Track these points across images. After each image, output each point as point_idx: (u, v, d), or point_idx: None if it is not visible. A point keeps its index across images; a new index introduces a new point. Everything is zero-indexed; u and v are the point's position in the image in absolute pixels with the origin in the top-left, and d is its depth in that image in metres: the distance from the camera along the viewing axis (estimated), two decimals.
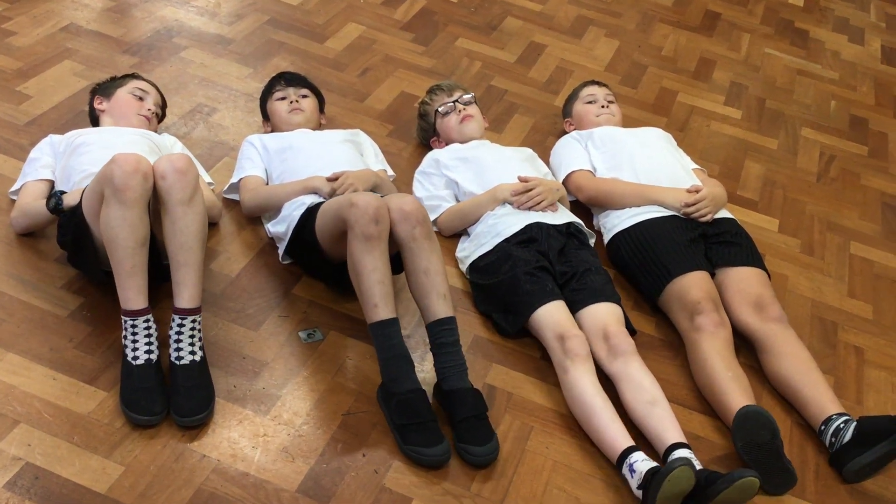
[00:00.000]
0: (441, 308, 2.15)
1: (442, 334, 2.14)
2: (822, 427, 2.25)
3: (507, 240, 2.51)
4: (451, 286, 2.55)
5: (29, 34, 3.23)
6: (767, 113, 3.79)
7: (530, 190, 2.60)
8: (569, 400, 2.21)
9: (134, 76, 2.76)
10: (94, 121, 2.70)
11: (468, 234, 2.67)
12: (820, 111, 3.88)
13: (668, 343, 2.53)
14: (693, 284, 2.45)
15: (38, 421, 1.97)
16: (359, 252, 2.09)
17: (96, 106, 2.68)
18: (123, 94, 2.67)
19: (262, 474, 1.96)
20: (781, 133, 3.67)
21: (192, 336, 2.07)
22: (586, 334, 2.30)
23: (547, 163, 2.99)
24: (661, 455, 2.09)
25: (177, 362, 2.05)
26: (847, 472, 2.19)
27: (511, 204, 2.60)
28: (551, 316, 2.32)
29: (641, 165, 2.79)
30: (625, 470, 2.05)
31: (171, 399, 2.02)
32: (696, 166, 2.97)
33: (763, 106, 3.83)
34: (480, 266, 2.53)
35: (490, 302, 2.48)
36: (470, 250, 2.59)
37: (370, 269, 2.08)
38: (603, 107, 3.07)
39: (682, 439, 2.09)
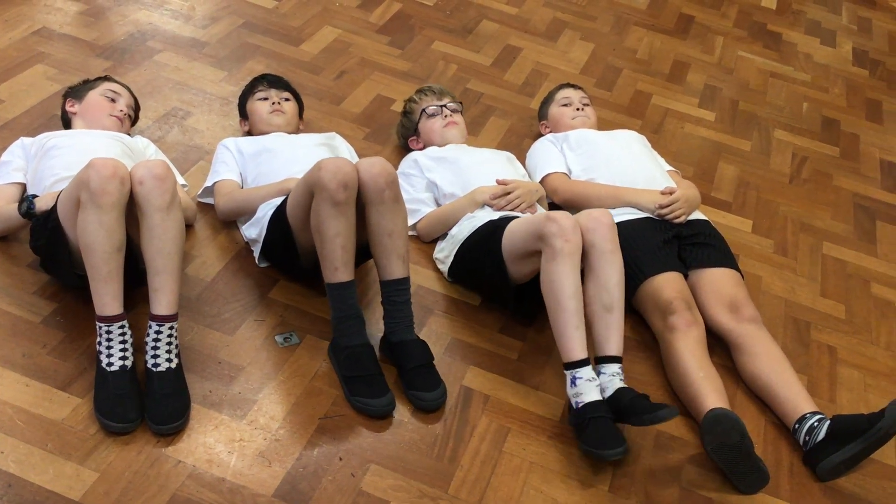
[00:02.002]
0: (398, 269, 2.22)
1: (396, 293, 2.22)
2: (797, 426, 2.28)
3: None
4: (429, 289, 2.56)
5: (0, 38, 3.20)
6: (741, 115, 3.82)
7: (509, 193, 2.61)
8: (546, 290, 2.19)
9: (106, 78, 2.75)
10: (66, 124, 2.68)
11: (445, 235, 2.67)
12: (792, 113, 3.92)
13: (641, 343, 2.54)
14: (666, 284, 2.46)
15: (10, 428, 1.95)
16: (325, 216, 2.12)
17: (68, 108, 2.66)
18: (95, 95, 2.65)
19: (239, 479, 1.95)
20: (754, 135, 3.70)
21: (169, 343, 2.05)
22: None
23: (524, 165, 3.00)
24: (594, 356, 2.22)
25: (153, 369, 2.04)
26: (821, 470, 2.21)
27: (490, 207, 2.61)
28: (523, 220, 2.34)
29: (616, 167, 2.81)
30: (568, 375, 2.15)
31: (147, 406, 2.01)
32: (671, 168, 3.00)
33: (736, 108, 3.86)
34: (461, 256, 2.54)
35: (475, 268, 2.49)
36: (449, 250, 2.60)
37: (334, 233, 2.13)
38: (578, 109, 3.09)
39: (619, 353, 2.20)
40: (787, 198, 3.35)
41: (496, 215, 2.55)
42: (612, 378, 2.17)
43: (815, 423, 2.24)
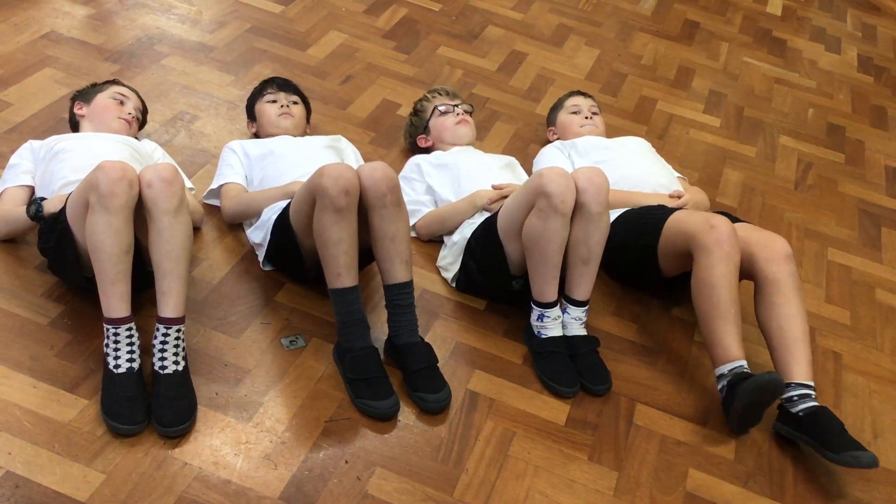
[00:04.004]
0: (402, 273, 2.24)
1: (400, 297, 2.24)
2: None
3: None
4: (434, 292, 2.57)
5: (9, 41, 3.22)
6: (746, 121, 3.83)
7: (506, 197, 2.62)
8: (531, 240, 2.29)
9: (114, 82, 2.76)
10: (75, 127, 2.69)
11: (446, 244, 2.68)
12: (797, 119, 3.93)
13: (647, 349, 2.55)
14: (691, 212, 2.46)
15: (18, 429, 1.96)
16: (327, 222, 2.13)
17: (76, 111, 2.67)
18: (103, 98, 2.66)
19: (245, 482, 1.96)
20: (760, 141, 3.71)
21: (176, 346, 2.06)
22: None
23: (529, 171, 3.01)
24: (563, 295, 2.40)
25: (160, 371, 2.05)
26: (776, 426, 2.33)
27: (489, 212, 2.62)
28: (515, 192, 2.39)
29: (625, 173, 2.81)
30: (537, 310, 2.36)
31: (154, 409, 2.02)
32: (678, 175, 3.00)
33: (741, 114, 3.87)
34: (466, 258, 2.55)
35: (479, 263, 2.51)
36: (453, 257, 2.61)
37: (336, 240, 2.14)
38: (587, 118, 3.10)
39: (585, 298, 2.38)
40: (792, 204, 3.35)
41: None
42: (574, 322, 2.39)
43: (796, 398, 2.26)
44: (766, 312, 2.36)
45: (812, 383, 2.27)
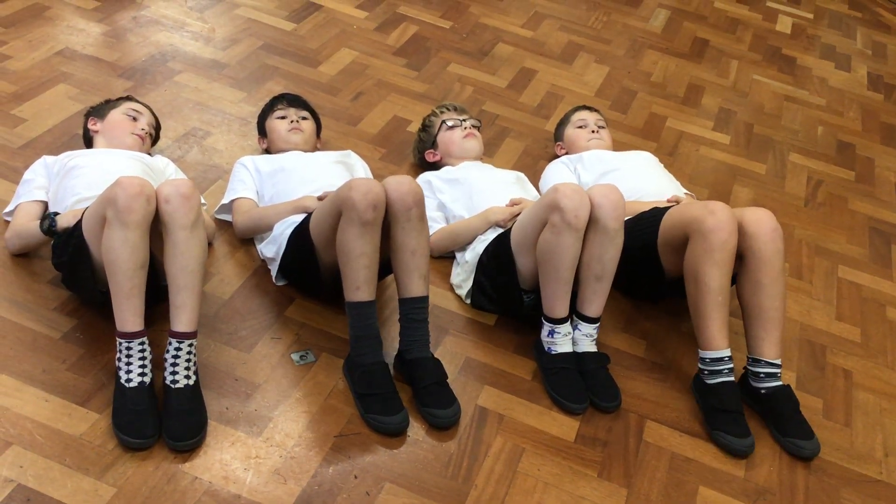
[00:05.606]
0: (419, 287, 2.25)
1: (416, 311, 2.25)
2: (750, 358, 2.40)
3: None
4: (444, 308, 2.58)
5: (24, 58, 3.26)
6: (755, 138, 3.83)
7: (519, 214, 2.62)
8: (544, 256, 2.30)
9: (128, 98, 2.79)
10: (88, 142, 2.72)
11: (458, 262, 2.69)
12: (807, 137, 3.93)
13: (657, 366, 2.55)
14: (686, 204, 2.49)
15: (30, 442, 1.97)
16: (351, 235, 2.14)
17: (90, 127, 2.70)
18: (117, 114, 2.69)
19: (254, 496, 1.96)
20: (769, 158, 3.71)
21: (188, 360, 2.07)
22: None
23: (537, 187, 3.02)
24: (575, 310, 2.39)
25: (171, 386, 2.06)
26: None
27: (502, 228, 2.63)
28: (530, 206, 2.41)
29: (629, 185, 2.81)
30: (548, 326, 2.36)
31: (164, 423, 2.03)
32: (686, 192, 3.00)
33: (751, 131, 3.88)
34: (479, 275, 2.56)
35: (491, 278, 2.53)
36: (466, 274, 2.62)
37: (359, 253, 2.15)
38: (593, 132, 3.11)
39: (597, 315, 2.38)
40: (802, 221, 3.35)
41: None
42: (585, 338, 2.39)
43: (762, 374, 2.36)
44: (749, 288, 2.39)
45: (779, 361, 2.37)
